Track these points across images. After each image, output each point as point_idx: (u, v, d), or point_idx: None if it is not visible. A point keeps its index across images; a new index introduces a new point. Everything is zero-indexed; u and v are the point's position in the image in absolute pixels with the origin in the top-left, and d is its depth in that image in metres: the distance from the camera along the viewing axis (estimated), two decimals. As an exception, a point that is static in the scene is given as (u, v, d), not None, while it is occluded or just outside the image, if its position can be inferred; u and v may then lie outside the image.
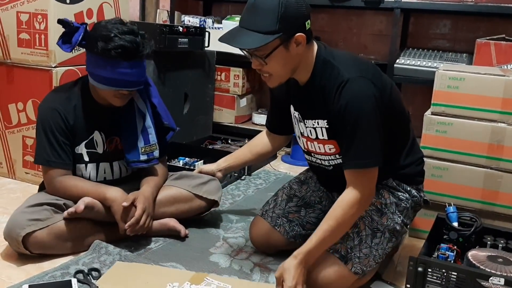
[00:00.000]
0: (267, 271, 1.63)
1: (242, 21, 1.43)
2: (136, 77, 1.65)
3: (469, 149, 1.86)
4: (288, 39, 1.39)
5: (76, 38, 1.65)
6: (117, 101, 1.71)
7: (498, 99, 1.80)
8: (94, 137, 1.76)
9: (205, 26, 3.32)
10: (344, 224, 1.44)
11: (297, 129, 1.67)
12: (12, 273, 1.54)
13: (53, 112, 1.69)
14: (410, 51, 3.10)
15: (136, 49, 1.62)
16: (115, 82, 1.63)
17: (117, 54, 1.58)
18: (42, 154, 1.69)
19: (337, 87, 1.42)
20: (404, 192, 1.63)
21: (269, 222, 1.73)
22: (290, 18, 1.37)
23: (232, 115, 3.38)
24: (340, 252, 1.48)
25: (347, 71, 1.43)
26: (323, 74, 1.47)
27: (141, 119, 1.80)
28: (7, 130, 2.37)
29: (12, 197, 2.17)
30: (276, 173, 2.75)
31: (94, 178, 1.79)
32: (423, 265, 1.49)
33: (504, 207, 1.84)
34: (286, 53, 1.41)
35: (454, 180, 1.89)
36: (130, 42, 1.60)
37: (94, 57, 1.64)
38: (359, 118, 1.40)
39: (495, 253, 1.60)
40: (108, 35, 1.60)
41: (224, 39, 1.43)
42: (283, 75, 1.48)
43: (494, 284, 1.41)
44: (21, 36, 2.25)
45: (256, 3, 1.38)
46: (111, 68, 1.61)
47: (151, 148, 1.82)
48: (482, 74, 1.84)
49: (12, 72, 2.31)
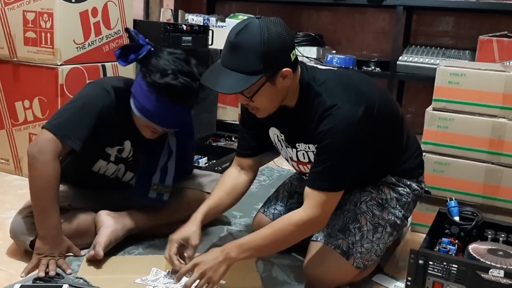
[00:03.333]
0: (270, 265, 1.65)
1: (223, 60, 1.35)
2: (175, 120, 1.57)
3: (470, 144, 1.87)
4: (274, 75, 1.34)
5: (135, 56, 1.55)
6: (147, 133, 1.61)
7: (498, 94, 1.82)
8: (125, 145, 1.70)
9: (208, 24, 3.34)
10: (282, 240, 1.40)
11: (284, 153, 1.63)
12: (20, 266, 1.56)
13: (103, 91, 1.58)
14: (413, 48, 3.11)
15: (186, 96, 1.52)
16: (152, 115, 1.54)
17: (167, 94, 1.49)
18: (65, 124, 1.51)
19: (320, 113, 1.38)
20: (404, 187, 1.63)
21: (271, 218, 1.74)
22: (274, 55, 1.31)
23: (236, 112, 3.40)
24: (342, 247, 1.49)
25: (329, 97, 1.38)
26: (307, 99, 1.43)
27: (166, 156, 1.70)
28: (13, 127, 2.40)
29: (19, 193, 2.20)
30: (279, 169, 2.77)
31: (109, 174, 1.74)
32: (424, 258, 1.51)
33: (505, 202, 1.85)
34: (272, 89, 1.36)
35: (455, 175, 1.91)
36: (183, 86, 1.50)
37: (143, 83, 1.53)
38: (337, 145, 1.36)
39: (495, 246, 1.61)
40: (165, 69, 1.50)
41: (206, 80, 1.37)
42: (271, 108, 1.44)
43: (494, 276, 1.43)
44: (27, 34, 2.28)
45: (238, 42, 1.31)
46: (154, 102, 1.51)
47: (164, 189, 1.69)
48: (483, 70, 1.85)
49: (19, 70, 2.34)
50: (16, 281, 1.46)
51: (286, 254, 1.73)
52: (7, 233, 1.75)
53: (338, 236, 1.51)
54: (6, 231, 1.77)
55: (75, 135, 1.51)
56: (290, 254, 1.73)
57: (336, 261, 1.48)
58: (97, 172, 1.73)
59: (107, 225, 1.61)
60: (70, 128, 1.51)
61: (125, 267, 1.57)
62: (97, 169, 1.73)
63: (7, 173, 2.45)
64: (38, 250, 1.51)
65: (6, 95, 2.39)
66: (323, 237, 1.53)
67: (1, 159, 2.46)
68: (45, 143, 1.48)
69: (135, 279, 1.49)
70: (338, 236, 1.51)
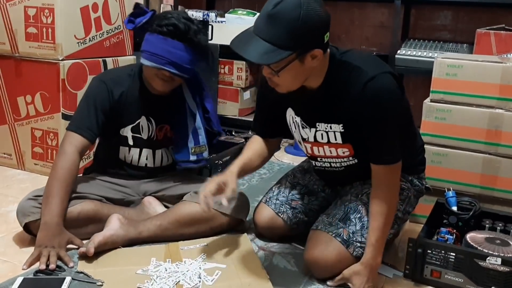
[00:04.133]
0: (271, 254, 1.68)
1: (256, 28, 1.32)
2: (180, 60, 1.65)
3: (467, 135, 1.89)
4: (305, 53, 1.32)
5: (140, 19, 1.70)
6: (159, 84, 1.71)
7: (495, 85, 1.83)
8: (140, 122, 1.80)
9: (208, 19, 3.35)
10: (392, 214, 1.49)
11: (298, 135, 1.62)
12: (24, 258, 1.57)
13: (101, 83, 1.74)
14: (412, 42, 3.12)
15: (187, 32, 1.64)
16: (159, 58, 1.64)
17: (169, 31, 1.63)
18: (75, 119, 1.73)
19: (363, 84, 1.38)
20: (405, 181, 1.65)
21: (273, 209, 1.75)
22: (309, 33, 1.29)
23: (236, 107, 3.42)
24: (342, 236, 1.51)
25: (370, 69, 1.40)
26: (340, 76, 1.43)
27: (192, 120, 1.83)
28: (16, 122, 2.42)
29: (22, 187, 2.22)
30: (279, 163, 2.79)
31: (135, 163, 1.84)
32: (422, 247, 1.53)
33: (503, 192, 1.87)
34: (300, 67, 1.34)
35: (453, 165, 1.93)
36: (184, 24, 1.64)
37: (148, 35, 1.68)
38: (388, 113, 1.40)
39: (493, 235, 1.64)
40: (166, 15, 1.67)
41: (235, 46, 1.32)
42: (293, 86, 1.42)
43: (491, 264, 1.45)
44: (29, 30, 2.30)
45: (275, 14, 1.27)
46: (159, 43, 1.64)
47: (201, 149, 1.84)
48: (480, 62, 1.87)
49: (20, 66, 2.36)
50: (18, 274, 1.47)
51: (286, 243, 1.75)
52: (11, 225, 1.79)
53: (338, 225, 1.53)
54: (10, 224, 1.80)
55: (84, 126, 1.69)
56: (290, 243, 1.75)
57: (336, 248, 1.50)
58: (125, 161, 1.84)
59: (110, 228, 1.63)
60: (78, 121, 1.71)
61: (125, 259, 1.58)
62: (122, 158, 1.83)
63: (10, 168, 2.48)
64: (38, 242, 1.53)
65: (8, 90, 2.41)
66: (324, 226, 1.55)
67: (4, 154, 2.48)
68: (64, 139, 1.71)
69: (136, 270, 1.51)
70: (339, 225, 1.53)
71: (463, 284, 1.49)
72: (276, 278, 1.51)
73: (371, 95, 1.38)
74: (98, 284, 1.43)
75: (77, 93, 2.33)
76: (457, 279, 1.50)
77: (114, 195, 1.81)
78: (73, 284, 1.43)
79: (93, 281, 1.44)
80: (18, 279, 1.43)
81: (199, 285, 1.44)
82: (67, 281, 1.42)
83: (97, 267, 1.52)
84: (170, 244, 1.68)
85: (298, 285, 1.50)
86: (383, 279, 1.55)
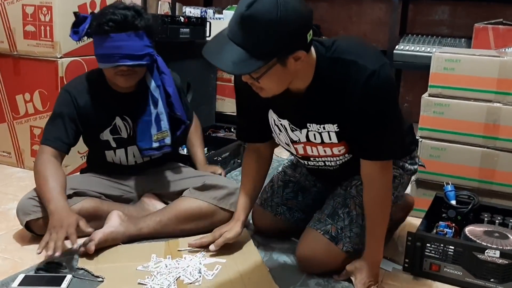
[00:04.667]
0: (271, 249, 1.68)
1: (230, 32, 1.18)
2: (131, 50, 1.62)
3: (466, 129, 1.90)
4: (286, 56, 1.20)
5: (83, 27, 1.67)
6: (121, 80, 1.68)
7: (493, 79, 1.84)
8: (116, 123, 1.79)
9: (206, 16, 3.36)
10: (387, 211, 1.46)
11: (285, 137, 1.51)
12: (24, 255, 1.59)
13: (65, 93, 1.74)
14: (409, 37, 3.13)
15: (126, 21, 1.61)
16: (110, 57, 1.62)
17: (109, 27, 1.59)
18: (44, 133, 1.73)
19: (364, 80, 1.28)
20: (397, 168, 1.59)
21: (270, 211, 1.74)
22: (289, 35, 1.16)
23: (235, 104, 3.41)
24: (331, 233, 1.50)
25: (368, 62, 1.29)
26: (334, 74, 1.32)
27: (155, 106, 1.79)
28: (15, 120, 2.42)
29: (21, 185, 2.22)
30: (278, 159, 2.80)
31: (125, 163, 1.84)
32: (421, 240, 1.54)
33: (501, 185, 1.88)
34: (282, 71, 1.22)
35: (451, 160, 1.93)
36: (120, 15, 1.60)
37: (94, 38, 1.66)
38: (390, 106, 1.34)
39: (491, 228, 1.65)
40: (102, 12, 1.64)
41: (209, 53, 1.19)
42: (278, 89, 1.30)
43: (490, 257, 1.46)
44: (27, 28, 2.30)
45: (250, 16, 1.13)
46: (105, 43, 1.61)
47: (163, 135, 1.81)
48: (477, 56, 1.88)
49: (19, 64, 2.36)
50: (19, 271, 1.48)
51: (285, 239, 1.76)
52: (11, 223, 1.79)
53: (327, 222, 1.52)
54: (10, 221, 1.81)
55: (52, 137, 1.70)
56: (289, 239, 1.76)
57: (325, 246, 1.49)
58: (114, 163, 1.84)
59: (110, 225, 1.64)
60: (47, 134, 1.72)
61: (125, 256, 1.59)
62: (111, 160, 1.83)
63: (9, 166, 2.48)
64: (49, 226, 1.51)
65: (7, 88, 2.41)
66: (313, 223, 1.55)
67: (3, 152, 2.49)
68: (38, 152, 1.73)
69: (136, 266, 1.51)
70: (327, 221, 1.53)
71: (462, 277, 1.50)
72: (276, 272, 1.52)
73: (375, 91, 1.29)
74: (99, 281, 1.43)
75: (75, 90, 2.33)
76: (456, 272, 1.51)
77: (113, 192, 1.82)
78: (74, 281, 1.44)
79: (93, 278, 1.45)
80: (19, 276, 1.43)
81: (200, 280, 1.44)
82: (68, 278, 1.43)
83: (97, 264, 1.52)
84: (170, 240, 1.68)
85: (298, 279, 1.50)
86: (382, 272, 1.56)
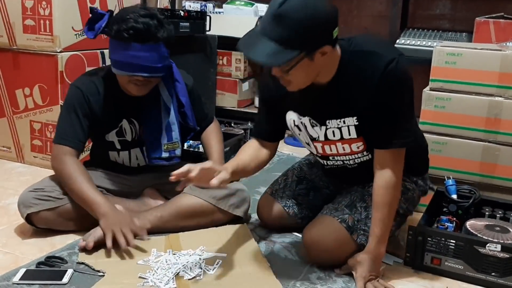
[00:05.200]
0: (272, 244, 1.68)
1: (262, 28, 1.29)
2: (149, 62, 1.60)
3: (467, 123, 1.89)
4: (314, 51, 1.30)
5: (99, 25, 1.62)
6: (134, 89, 1.66)
7: (495, 73, 1.83)
8: (123, 125, 1.76)
9: (206, 10, 3.34)
10: (395, 205, 1.47)
11: (305, 136, 1.58)
12: (26, 249, 1.59)
13: (76, 90, 1.70)
14: (410, 31, 3.12)
15: (148, 31, 1.57)
16: (127, 66, 1.60)
17: (130, 35, 1.56)
18: (59, 131, 1.69)
19: (383, 67, 1.36)
20: (410, 182, 1.64)
21: (280, 202, 1.75)
22: (317, 31, 1.27)
23: (235, 99, 3.41)
24: (348, 222, 1.51)
25: (386, 52, 1.39)
26: (354, 66, 1.40)
27: (166, 115, 1.77)
28: (14, 115, 2.41)
29: (21, 180, 2.22)
30: (279, 154, 2.79)
31: (128, 164, 1.82)
32: (422, 234, 1.54)
33: (502, 179, 1.88)
34: (310, 64, 1.32)
35: (453, 154, 1.93)
36: (143, 24, 1.56)
37: (111, 41, 1.63)
38: (405, 95, 1.41)
39: (492, 222, 1.64)
40: (123, 17, 1.58)
41: (243, 47, 1.30)
42: (305, 82, 1.40)
43: (491, 251, 1.46)
44: (26, 22, 2.29)
45: (282, 13, 1.24)
46: (124, 51, 1.58)
47: (174, 146, 1.79)
48: (479, 49, 1.87)
49: (18, 58, 2.35)
50: (21, 266, 1.48)
51: (287, 233, 1.76)
52: (11, 218, 1.79)
53: (344, 211, 1.53)
54: (11, 216, 1.81)
55: (68, 136, 1.67)
56: (291, 233, 1.76)
57: (340, 233, 1.50)
58: (117, 162, 1.82)
59: None
60: (62, 132, 1.68)
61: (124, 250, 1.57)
62: (114, 160, 1.82)
63: (10, 161, 2.47)
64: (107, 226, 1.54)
65: (6, 83, 2.40)
66: (329, 211, 1.55)
67: (3, 147, 2.48)
68: (53, 154, 1.69)
69: (137, 261, 1.51)
70: (345, 211, 1.53)
71: (463, 271, 1.50)
72: (277, 267, 1.52)
73: (393, 77, 1.37)
74: (100, 275, 1.43)
75: (75, 85, 2.32)
76: (457, 266, 1.51)
77: (114, 187, 1.81)
78: (75, 275, 1.44)
79: (94, 272, 1.45)
80: (20, 270, 1.43)
81: (201, 274, 1.44)
82: (69, 273, 1.43)
83: (98, 258, 1.52)
84: (170, 235, 1.68)
85: (299, 273, 1.50)
86: (383, 266, 1.56)
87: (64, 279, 1.40)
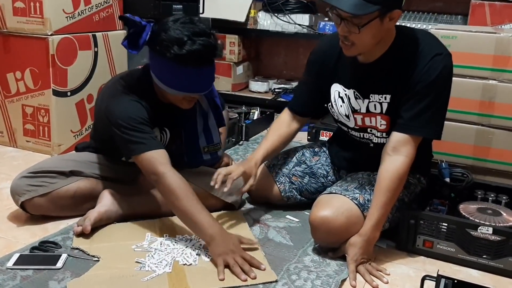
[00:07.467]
0: (266, 227, 1.69)
1: None
2: (208, 81, 1.57)
3: (461, 107, 1.89)
4: (386, 13, 1.36)
5: (143, 39, 1.50)
6: (186, 104, 1.62)
7: (489, 56, 1.83)
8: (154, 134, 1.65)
9: (199, -7, 3.30)
10: (398, 193, 1.49)
11: (346, 108, 1.60)
12: (18, 234, 1.59)
13: (136, 104, 1.56)
14: (405, 14, 3.10)
15: (211, 53, 1.51)
16: (187, 87, 1.54)
17: (192, 59, 1.47)
18: (139, 143, 1.51)
19: (431, 57, 1.44)
20: (413, 177, 1.64)
21: (273, 176, 1.79)
22: None
23: (229, 83, 3.39)
24: (359, 200, 1.51)
25: (439, 47, 1.47)
26: (407, 47, 1.47)
27: (202, 118, 1.74)
28: (6, 99, 2.39)
29: (14, 165, 2.21)
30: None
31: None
32: (415, 218, 1.55)
33: (495, 163, 1.89)
34: (379, 26, 1.38)
35: (446, 137, 1.89)
36: (204, 46, 1.48)
37: (165, 61, 1.49)
38: (443, 91, 1.47)
39: (484, 205, 1.65)
40: (181, 38, 1.46)
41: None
42: (367, 46, 1.44)
43: (482, 233, 1.47)
44: (16, 4, 2.25)
45: None
46: (183, 74, 1.50)
47: (215, 148, 1.78)
48: (474, 32, 1.86)
49: (9, 41, 2.32)
50: (14, 250, 1.48)
51: (281, 217, 1.76)
52: (4, 202, 1.79)
53: (355, 191, 1.54)
54: (3, 201, 1.80)
55: (154, 144, 1.53)
56: (284, 217, 1.76)
57: (352, 209, 1.49)
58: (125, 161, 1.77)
59: (103, 204, 1.63)
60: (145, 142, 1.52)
61: (119, 234, 1.59)
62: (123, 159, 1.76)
63: (2, 145, 2.46)
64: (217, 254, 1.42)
65: (-3, 66, 2.38)
66: (339, 189, 1.55)
67: (-5, 131, 2.47)
68: (146, 165, 1.51)
69: (131, 245, 1.51)
70: (355, 191, 1.54)
71: (455, 254, 1.51)
72: (271, 250, 1.53)
73: (438, 67, 1.43)
74: (94, 260, 1.44)
75: (67, 68, 2.30)
76: (449, 248, 1.52)
77: (109, 174, 1.78)
78: (69, 260, 1.44)
79: (88, 257, 1.45)
80: (14, 255, 1.43)
81: (196, 260, 1.45)
82: (63, 257, 1.43)
83: (92, 243, 1.52)
84: (163, 218, 1.68)
85: (293, 256, 1.51)
86: (376, 249, 1.57)
87: (58, 264, 1.40)
